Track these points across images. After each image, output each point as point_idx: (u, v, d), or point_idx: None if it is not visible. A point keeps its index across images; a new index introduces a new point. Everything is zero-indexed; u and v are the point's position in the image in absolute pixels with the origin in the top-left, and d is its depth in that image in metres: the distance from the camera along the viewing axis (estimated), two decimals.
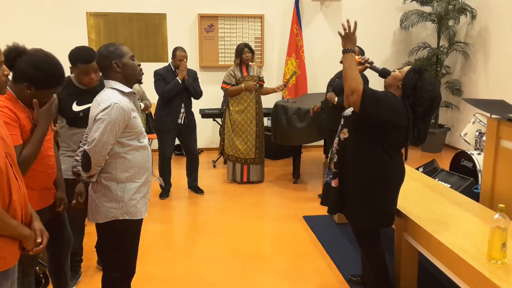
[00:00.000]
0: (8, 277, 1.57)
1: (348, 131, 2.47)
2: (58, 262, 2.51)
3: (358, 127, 2.44)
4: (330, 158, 2.62)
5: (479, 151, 4.30)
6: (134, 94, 2.25)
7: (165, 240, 3.82)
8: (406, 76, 2.39)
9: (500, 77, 6.01)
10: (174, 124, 4.62)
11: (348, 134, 2.47)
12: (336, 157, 2.53)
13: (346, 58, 2.38)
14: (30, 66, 1.95)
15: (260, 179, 5.29)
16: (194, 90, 4.61)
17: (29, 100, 2.02)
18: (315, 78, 6.89)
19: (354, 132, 2.45)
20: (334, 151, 2.58)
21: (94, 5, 6.34)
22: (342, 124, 2.53)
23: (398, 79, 2.42)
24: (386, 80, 2.49)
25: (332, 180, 2.56)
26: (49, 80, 2.00)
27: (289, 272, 3.22)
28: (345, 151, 2.49)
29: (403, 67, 2.49)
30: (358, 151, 2.44)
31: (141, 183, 2.22)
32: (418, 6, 6.69)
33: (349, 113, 2.48)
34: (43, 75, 1.97)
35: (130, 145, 2.15)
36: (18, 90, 2.00)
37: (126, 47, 2.23)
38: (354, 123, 2.45)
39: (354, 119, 2.45)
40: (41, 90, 2.00)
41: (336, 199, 2.56)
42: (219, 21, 6.61)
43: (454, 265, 2.19)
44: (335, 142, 2.57)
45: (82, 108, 2.77)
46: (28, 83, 1.96)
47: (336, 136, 2.61)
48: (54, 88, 2.04)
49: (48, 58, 2.01)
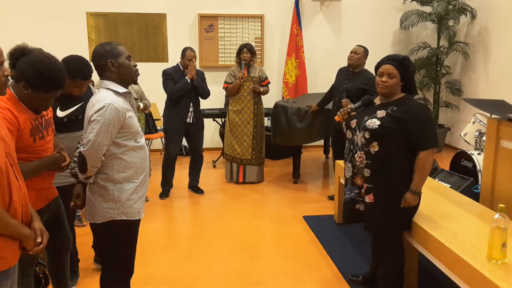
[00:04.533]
0: (8, 276, 1.57)
1: (378, 143, 2.42)
2: (58, 262, 2.51)
3: (390, 138, 2.41)
4: (354, 173, 2.56)
5: (479, 151, 4.30)
6: (130, 94, 2.24)
7: (165, 240, 3.81)
8: (404, 72, 2.45)
9: (500, 77, 6.01)
10: (182, 123, 4.66)
11: (378, 147, 2.42)
12: (369, 171, 2.47)
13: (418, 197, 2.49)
14: (28, 67, 1.94)
15: (257, 180, 5.28)
16: (202, 89, 4.65)
17: (28, 100, 2.02)
18: (315, 78, 6.89)
19: (386, 144, 2.42)
20: (361, 166, 2.50)
21: (94, 5, 6.34)
22: (367, 137, 2.44)
23: (397, 82, 2.47)
24: (390, 92, 2.49)
25: (365, 196, 2.51)
26: (46, 83, 1.99)
27: (289, 272, 3.22)
28: (378, 164, 2.44)
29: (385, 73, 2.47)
30: (395, 161, 2.43)
31: (138, 184, 2.21)
32: (418, 6, 6.69)
33: (376, 126, 2.42)
34: (40, 77, 1.96)
35: (127, 146, 2.14)
36: (18, 90, 2.00)
37: (123, 47, 2.21)
38: (385, 136, 2.41)
39: (384, 132, 2.41)
40: (38, 92, 1.99)
41: (374, 214, 2.51)
42: (219, 21, 6.61)
43: (454, 265, 2.19)
44: (359, 156, 2.50)
45: (65, 113, 2.74)
46: (25, 83, 1.96)
47: (349, 151, 2.58)
48: (51, 92, 2.03)
49: (49, 61, 1.99)
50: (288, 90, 6.70)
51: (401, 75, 2.46)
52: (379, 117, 2.44)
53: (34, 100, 2.03)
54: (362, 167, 2.49)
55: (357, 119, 2.55)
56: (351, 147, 2.57)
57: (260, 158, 5.24)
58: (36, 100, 2.03)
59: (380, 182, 2.46)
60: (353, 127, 2.56)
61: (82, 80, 2.66)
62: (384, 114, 2.44)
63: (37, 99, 2.03)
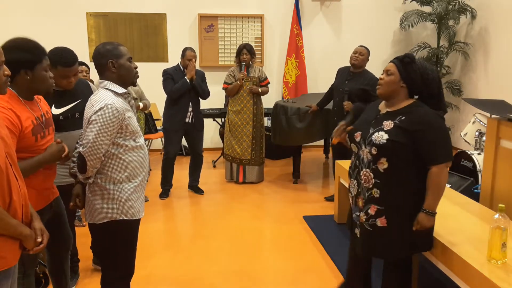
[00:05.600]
0: (8, 276, 1.57)
1: (388, 160, 2.15)
2: (58, 262, 2.51)
3: (400, 153, 2.15)
4: (358, 192, 2.28)
5: (479, 151, 4.30)
6: (129, 94, 2.24)
7: (165, 240, 3.81)
8: (405, 70, 2.18)
9: (500, 77, 6.01)
10: (182, 123, 4.67)
11: (387, 164, 2.15)
12: (379, 192, 2.19)
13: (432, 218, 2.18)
14: (16, 51, 1.96)
15: (257, 180, 5.28)
16: (201, 90, 4.66)
17: (33, 88, 2.05)
18: (315, 78, 6.89)
19: (397, 160, 2.15)
20: (366, 185, 2.23)
21: (94, 5, 6.34)
22: (375, 153, 2.17)
23: (394, 81, 2.20)
24: (385, 91, 2.23)
25: (377, 219, 2.21)
26: (36, 52, 2.03)
27: (289, 272, 3.22)
28: (389, 182, 2.17)
29: (384, 70, 2.25)
30: (407, 177, 2.17)
31: (138, 183, 2.22)
32: (418, 6, 6.68)
33: (384, 141, 2.14)
34: (30, 51, 2.00)
35: (126, 146, 2.14)
36: (18, 87, 2.00)
37: (125, 48, 2.21)
38: (394, 151, 2.14)
39: (394, 147, 2.14)
40: (36, 70, 2.02)
41: (389, 239, 2.22)
42: (219, 21, 6.61)
43: (454, 265, 2.19)
44: (365, 175, 2.23)
45: (61, 111, 2.65)
46: (23, 69, 1.97)
47: (354, 167, 2.31)
48: (44, 60, 2.06)
49: (22, 38, 2.05)
50: (288, 90, 6.70)
51: (401, 74, 2.18)
52: (386, 130, 2.16)
53: (38, 82, 2.04)
54: (368, 187, 2.23)
55: (361, 131, 2.28)
56: (356, 163, 2.30)
57: (259, 158, 5.24)
58: (40, 80, 2.04)
59: (392, 203, 2.19)
60: (357, 141, 2.28)
61: (63, 67, 2.54)
62: (392, 126, 2.16)
63: (41, 79, 2.04)
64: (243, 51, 4.94)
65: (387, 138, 2.14)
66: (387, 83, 2.21)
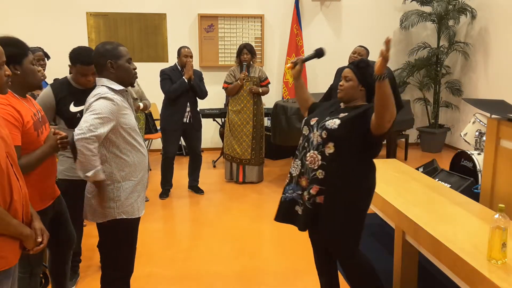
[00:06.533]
0: (9, 276, 1.57)
1: (334, 145, 2.27)
2: (60, 261, 2.50)
3: (347, 139, 2.27)
4: (302, 172, 2.38)
5: (479, 151, 4.30)
6: (127, 92, 2.24)
7: (165, 240, 3.82)
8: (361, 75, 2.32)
9: (500, 77, 6.02)
10: (179, 123, 4.66)
11: (334, 149, 2.27)
12: (323, 173, 2.29)
13: (386, 84, 2.10)
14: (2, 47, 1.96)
15: (256, 180, 5.28)
16: (199, 89, 4.66)
17: (25, 82, 2.05)
18: (315, 78, 6.89)
19: (342, 145, 2.27)
20: (311, 166, 2.33)
21: (94, 5, 6.34)
22: (324, 137, 2.29)
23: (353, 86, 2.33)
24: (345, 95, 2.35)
25: (316, 196, 2.31)
26: (23, 47, 2.02)
27: (289, 272, 3.22)
28: (333, 165, 2.28)
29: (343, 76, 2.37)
30: (349, 164, 2.28)
31: (137, 182, 2.22)
32: (418, 6, 6.69)
33: (335, 126, 2.27)
34: (16, 46, 2.00)
35: (125, 145, 2.15)
36: (11, 84, 2.00)
37: (125, 49, 2.21)
38: (342, 137, 2.27)
39: (343, 133, 2.26)
40: (24, 64, 2.02)
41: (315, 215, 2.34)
42: (219, 21, 6.61)
43: (454, 265, 2.19)
44: (311, 156, 2.33)
45: (79, 109, 2.71)
46: (12, 64, 1.97)
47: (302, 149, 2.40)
48: (30, 53, 2.05)
49: (3, 35, 2.03)
50: (288, 90, 6.70)
51: (358, 78, 2.32)
52: (340, 117, 2.30)
53: (28, 76, 2.04)
54: (313, 167, 2.32)
55: (318, 117, 2.40)
56: (305, 145, 2.39)
57: (259, 158, 5.24)
58: (30, 73, 2.05)
59: (334, 184, 2.29)
60: (311, 124, 2.40)
61: (81, 65, 2.64)
62: (346, 116, 2.30)
63: (30, 72, 2.04)
64: (244, 51, 4.94)
65: (339, 123, 2.27)
66: (346, 88, 2.35)
